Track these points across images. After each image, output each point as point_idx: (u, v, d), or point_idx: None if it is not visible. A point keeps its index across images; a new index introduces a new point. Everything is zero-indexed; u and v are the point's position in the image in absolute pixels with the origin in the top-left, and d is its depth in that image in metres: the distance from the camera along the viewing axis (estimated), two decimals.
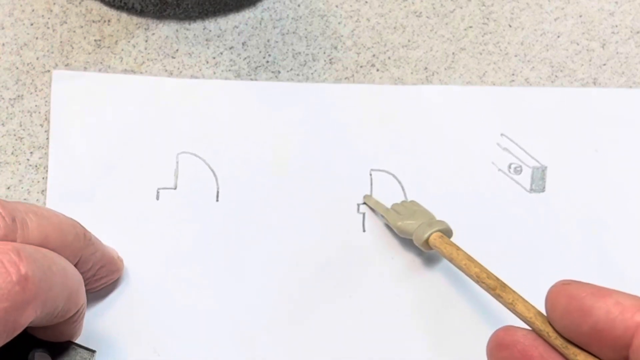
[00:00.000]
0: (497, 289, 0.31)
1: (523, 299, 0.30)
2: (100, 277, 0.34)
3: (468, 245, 0.34)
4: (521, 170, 0.39)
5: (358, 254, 0.37)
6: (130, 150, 0.39)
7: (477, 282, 0.32)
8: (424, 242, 0.35)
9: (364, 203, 0.38)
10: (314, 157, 0.39)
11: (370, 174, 0.39)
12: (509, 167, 0.39)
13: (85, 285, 0.31)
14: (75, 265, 0.30)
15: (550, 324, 0.28)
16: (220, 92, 0.40)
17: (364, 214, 0.38)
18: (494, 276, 0.32)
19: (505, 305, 0.31)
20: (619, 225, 0.38)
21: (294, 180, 0.38)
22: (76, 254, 0.31)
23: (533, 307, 0.30)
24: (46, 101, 0.40)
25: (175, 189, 0.38)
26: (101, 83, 0.40)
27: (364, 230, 0.38)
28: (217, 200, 0.38)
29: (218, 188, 0.38)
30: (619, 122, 0.41)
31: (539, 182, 0.39)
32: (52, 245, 0.29)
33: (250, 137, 0.39)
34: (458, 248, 0.33)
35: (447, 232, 0.35)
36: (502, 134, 0.40)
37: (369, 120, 0.40)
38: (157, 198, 0.38)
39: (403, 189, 0.39)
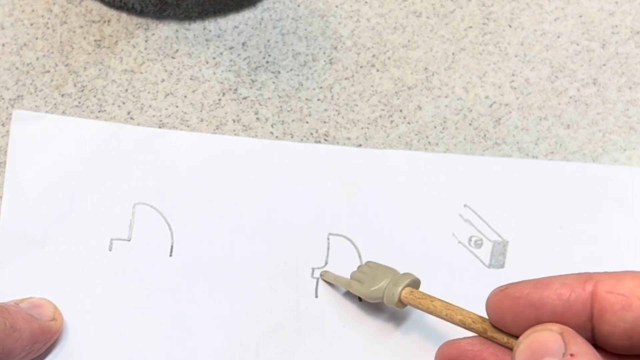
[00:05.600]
0: (488, 331, 0.30)
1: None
2: (36, 349, 0.33)
3: (422, 317, 0.34)
4: (482, 244, 0.38)
5: (309, 320, 0.36)
6: (86, 197, 0.38)
7: (464, 328, 0.31)
8: (397, 302, 0.33)
9: (322, 279, 0.37)
10: (272, 217, 0.38)
11: (328, 238, 0.38)
12: (470, 239, 0.38)
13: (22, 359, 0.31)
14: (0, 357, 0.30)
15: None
16: (182, 143, 0.39)
17: (317, 279, 0.37)
18: (479, 318, 0.31)
19: (502, 345, 0.30)
20: None
21: (249, 240, 0.37)
22: None
23: None
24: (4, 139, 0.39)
25: (129, 240, 0.37)
26: (61, 126, 0.39)
27: (316, 296, 0.37)
28: (171, 255, 0.37)
29: (172, 243, 0.37)
30: (587, 199, 0.39)
31: (498, 257, 0.38)
32: None
33: (209, 192, 0.38)
34: (433, 299, 0.32)
35: (415, 284, 0.34)
36: (465, 205, 0.39)
37: (330, 182, 0.39)
38: (110, 249, 0.37)
39: (360, 256, 0.37)
